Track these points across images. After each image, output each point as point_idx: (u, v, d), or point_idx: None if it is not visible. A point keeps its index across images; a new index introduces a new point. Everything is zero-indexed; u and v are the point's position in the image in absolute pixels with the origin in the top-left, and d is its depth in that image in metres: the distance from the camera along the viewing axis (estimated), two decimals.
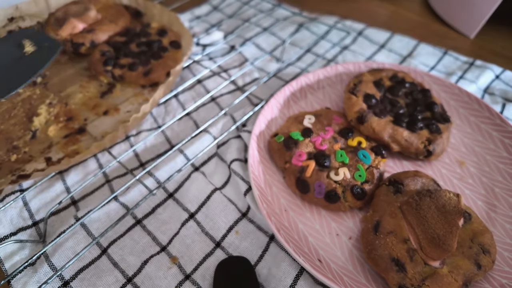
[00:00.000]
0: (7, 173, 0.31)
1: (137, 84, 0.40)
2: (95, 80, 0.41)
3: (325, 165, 0.31)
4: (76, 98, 0.39)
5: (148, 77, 0.39)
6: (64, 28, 0.41)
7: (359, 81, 0.37)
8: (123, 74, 0.39)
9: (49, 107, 0.37)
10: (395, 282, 0.24)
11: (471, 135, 0.36)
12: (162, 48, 0.42)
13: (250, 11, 0.59)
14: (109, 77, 0.40)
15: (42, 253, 0.27)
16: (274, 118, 0.38)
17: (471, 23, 0.50)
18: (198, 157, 0.34)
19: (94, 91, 0.40)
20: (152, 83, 0.39)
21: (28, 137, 0.34)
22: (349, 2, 0.62)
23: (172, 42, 0.43)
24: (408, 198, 0.28)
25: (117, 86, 0.40)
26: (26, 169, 0.31)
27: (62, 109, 0.37)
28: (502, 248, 0.28)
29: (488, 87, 0.43)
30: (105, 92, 0.39)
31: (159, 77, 0.39)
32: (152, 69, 0.39)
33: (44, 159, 0.32)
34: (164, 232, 0.30)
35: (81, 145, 0.34)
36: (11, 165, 0.32)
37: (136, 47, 0.42)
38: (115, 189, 0.32)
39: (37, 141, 0.34)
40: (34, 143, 0.34)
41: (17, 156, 0.32)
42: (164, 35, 0.44)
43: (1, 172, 0.31)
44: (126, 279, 0.27)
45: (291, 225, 0.29)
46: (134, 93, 0.40)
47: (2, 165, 0.31)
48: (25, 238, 0.29)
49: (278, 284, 0.26)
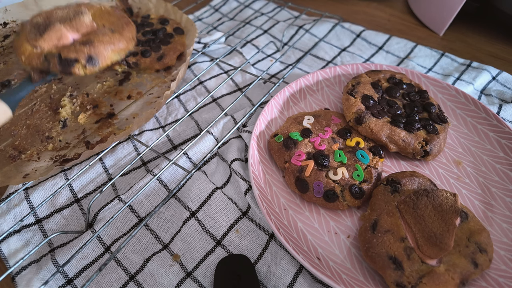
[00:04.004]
0: (48, 160, 0.33)
1: (152, 69, 0.42)
2: (109, 70, 0.42)
3: (324, 165, 0.31)
4: (95, 88, 0.40)
5: (162, 62, 0.42)
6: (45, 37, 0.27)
7: (357, 82, 0.38)
8: (138, 61, 0.41)
9: (71, 99, 0.38)
10: (393, 280, 0.24)
11: (468, 135, 0.37)
12: (168, 34, 0.44)
13: (250, 12, 0.60)
14: (124, 65, 0.42)
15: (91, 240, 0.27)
16: (274, 118, 0.38)
17: (440, 20, 0.53)
18: (199, 157, 0.34)
19: (112, 80, 0.41)
20: (165, 67, 0.42)
21: (58, 127, 0.36)
22: (348, 5, 0.62)
23: (176, 29, 0.45)
24: (406, 198, 0.28)
25: (133, 73, 0.42)
26: (68, 154, 0.33)
27: (85, 98, 0.38)
28: (498, 247, 0.28)
29: (484, 88, 0.44)
30: (123, 80, 0.41)
31: (172, 61, 0.42)
32: (164, 54, 0.42)
33: (84, 142, 0.34)
34: (166, 230, 0.30)
35: (115, 127, 0.36)
36: (50, 153, 0.33)
37: (143, 36, 0.44)
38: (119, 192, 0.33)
39: (69, 129, 0.36)
40: (67, 132, 0.35)
41: (53, 145, 0.34)
42: (166, 24, 0.46)
43: (42, 160, 0.33)
44: (129, 277, 0.27)
45: (290, 224, 0.30)
46: (151, 78, 0.42)
47: (40, 155, 0.33)
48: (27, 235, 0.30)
49: (278, 281, 0.27)
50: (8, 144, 0.34)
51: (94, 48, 0.28)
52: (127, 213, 0.31)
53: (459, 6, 0.49)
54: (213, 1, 0.63)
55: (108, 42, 0.29)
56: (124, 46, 0.30)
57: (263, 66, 0.48)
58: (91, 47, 0.28)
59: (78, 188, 0.34)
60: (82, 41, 0.28)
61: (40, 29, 0.27)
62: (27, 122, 0.36)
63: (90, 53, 0.28)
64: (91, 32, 0.29)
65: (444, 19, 0.52)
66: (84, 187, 0.34)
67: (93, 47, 0.28)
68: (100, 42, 0.28)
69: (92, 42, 0.28)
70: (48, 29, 0.27)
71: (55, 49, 0.27)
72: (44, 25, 0.27)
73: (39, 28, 0.27)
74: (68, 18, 0.29)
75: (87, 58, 0.28)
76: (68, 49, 0.27)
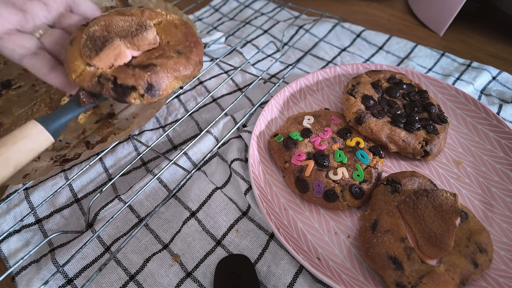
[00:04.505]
0: (48, 160, 0.32)
1: None
2: None
3: (324, 165, 0.31)
4: None
5: None
6: (102, 56, 0.23)
7: (357, 82, 0.38)
8: None
9: None
10: (393, 280, 0.24)
11: (468, 135, 0.37)
12: None
13: (250, 12, 0.60)
14: None
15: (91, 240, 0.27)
16: (274, 118, 0.38)
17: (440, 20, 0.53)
18: (199, 157, 0.34)
19: None
20: None
21: None
22: (349, 5, 0.62)
23: None
24: (406, 198, 0.28)
25: None
26: (68, 154, 0.33)
27: None
28: (498, 247, 0.28)
29: (484, 88, 0.44)
30: None
31: None
32: None
33: (84, 142, 0.34)
34: (166, 230, 0.30)
35: (115, 127, 0.35)
36: (50, 153, 0.33)
37: None
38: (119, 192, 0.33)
39: (69, 129, 0.35)
40: (67, 132, 0.35)
41: (53, 145, 0.34)
42: None
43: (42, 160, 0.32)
44: (129, 277, 0.28)
45: (290, 224, 0.30)
46: None
47: (40, 154, 0.33)
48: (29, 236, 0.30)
49: (278, 281, 0.27)
50: None
51: (156, 75, 0.23)
52: (127, 213, 0.31)
53: (459, 6, 0.49)
54: (213, 1, 0.63)
55: (173, 68, 0.24)
56: (189, 73, 0.25)
57: (263, 66, 0.48)
58: (153, 74, 0.23)
59: (78, 188, 0.34)
60: (142, 63, 0.23)
61: (97, 45, 0.23)
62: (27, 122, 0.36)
63: (151, 80, 0.23)
64: (153, 51, 0.24)
65: (444, 19, 0.52)
66: (84, 187, 0.34)
67: (155, 73, 0.23)
68: (163, 68, 0.23)
69: (155, 67, 0.23)
70: (106, 45, 0.23)
71: (111, 70, 0.23)
72: (102, 40, 0.23)
73: (95, 43, 0.23)
74: (130, 33, 0.24)
75: (147, 86, 0.23)
76: (125, 73, 0.23)
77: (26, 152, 0.20)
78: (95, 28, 0.24)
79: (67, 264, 0.26)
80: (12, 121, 0.36)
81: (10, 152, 0.20)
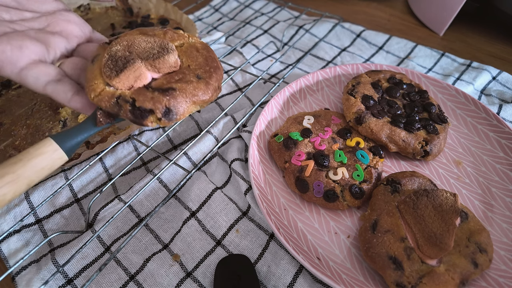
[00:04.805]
0: None
1: None
2: None
3: (324, 165, 0.31)
4: None
5: None
6: (122, 77, 0.23)
7: (357, 82, 0.38)
8: None
9: None
10: (393, 280, 0.24)
11: (468, 135, 0.37)
12: None
13: (250, 12, 0.60)
14: None
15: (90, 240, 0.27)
16: (274, 118, 0.38)
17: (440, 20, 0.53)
18: (199, 157, 0.34)
19: None
20: None
21: (59, 127, 0.35)
22: (349, 5, 0.62)
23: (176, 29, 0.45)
24: (406, 198, 0.28)
25: None
26: None
27: None
28: (498, 247, 0.28)
29: (485, 88, 0.44)
30: None
31: None
32: None
33: (84, 142, 0.33)
34: (166, 230, 0.30)
35: (115, 127, 0.35)
36: None
37: None
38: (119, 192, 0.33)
39: None
40: None
41: None
42: (166, 24, 0.46)
43: None
44: (129, 277, 0.28)
45: (290, 224, 0.30)
46: None
47: None
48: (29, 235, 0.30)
49: (278, 281, 0.27)
50: (8, 144, 0.34)
51: (174, 100, 0.23)
52: (127, 213, 0.31)
53: (459, 6, 0.49)
54: (213, 1, 0.63)
55: (191, 93, 0.23)
56: (207, 98, 0.24)
57: (263, 66, 0.48)
58: (171, 98, 0.23)
59: (78, 188, 0.34)
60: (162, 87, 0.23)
61: (118, 65, 0.23)
62: (27, 122, 0.36)
63: (169, 105, 0.23)
64: (173, 74, 0.24)
65: (444, 19, 0.52)
66: (84, 187, 0.34)
67: (174, 98, 0.23)
68: (182, 93, 0.23)
69: (174, 91, 0.23)
70: (126, 67, 0.23)
71: (130, 92, 0.23)
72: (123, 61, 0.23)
73: (117, 63, 0.23)
74: (151, 55, 0.24)
75: (165, 110, 0.22)
76: (144, 96, 0.22)
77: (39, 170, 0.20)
78: (118, 48, 0.24)
79: (67, 264, 0.26)
80: (12, 121, 0.36)
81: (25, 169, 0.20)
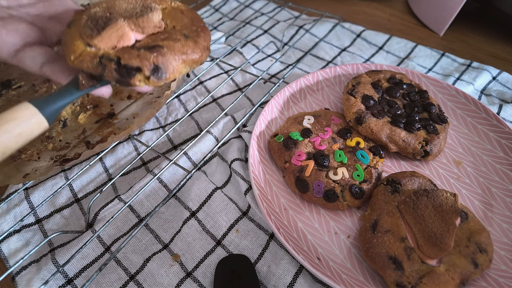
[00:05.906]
0: (48, 160, 0.32)
1: None
2: None
3: (324, 165, 0.31)
4: None
5: None
6: (104, 35, 0.22)
7: (358, 82, 0.38)
8: None
9: None
10: (393, 280, 0.24)
11: (468, 135, 0.37)
12: None
13: (250, 12, 0.60)
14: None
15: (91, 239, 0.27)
16: (274, 118, 0.38)
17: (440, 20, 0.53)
18: (199, 157, 0.34)
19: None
20: None
21: (59, 127, 0.36)
22: (349, 5, 0.62)
23: None
24: (406, 198, 0.28)
25: None
26: (68, 154, 0.33)
27: (85, 98, 0.38)
28: (498, 247, 0.28)
29: (485, 89, 0.44)
30: None
31: None
32: None
33: (84, 142, 0.34)
34: (166, 230, 0.30)
35: (115, 127, 0.35)
36: (50, 153, 0.33)
37: None
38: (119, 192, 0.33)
39: (69, 129, 0.35)
40: (67, 132, 0.35)
41: (53, 144, 0.34)
42: None
43: (42, 160, 0.32)
44: (129, 277, 0.28)
45: (290, 224, 0.30)
46: None
47: (41, 154, 0.33)
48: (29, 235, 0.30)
49: (278, 281, 0.27)
50: None
51: (163, 57, 0.22)
52: (127, 213, 0.31)
53: (459, 6, 0.49)
54: (213, 1, 0.63)
55: (180, 50, 0.22)
56: (197, 57, 0.24)
57: (263, 66, 0.48)
58: (159, 55, 0.22)
59: (78, 188, 0.34)
60: (148, 45, 0.22)
61: (99, 24, 0.22)
62: None
63: (157, 62, 0.22)
64: (158, 34, 0.23)
65: (444, 19, 0.52)
66: (84, 187, 0.34)
67: (162, 55, 0.22)
68: (170, 50, 0.22)
69: (161, 48, 0.22)
70: (108, 25, 0.21)
71: (114, 52, 0.22)
72: (104, 20, 0.22)
73: (97, 23, 0.22)
74: (134, 14, 0.23)
75: (153, 68, 0.21)
76: (130, 54, 0.21)
77: (15, 136, 0.19)
78: (97, 10, 0.22)
79: (67, 264, 0.26)
80: None
81: None
